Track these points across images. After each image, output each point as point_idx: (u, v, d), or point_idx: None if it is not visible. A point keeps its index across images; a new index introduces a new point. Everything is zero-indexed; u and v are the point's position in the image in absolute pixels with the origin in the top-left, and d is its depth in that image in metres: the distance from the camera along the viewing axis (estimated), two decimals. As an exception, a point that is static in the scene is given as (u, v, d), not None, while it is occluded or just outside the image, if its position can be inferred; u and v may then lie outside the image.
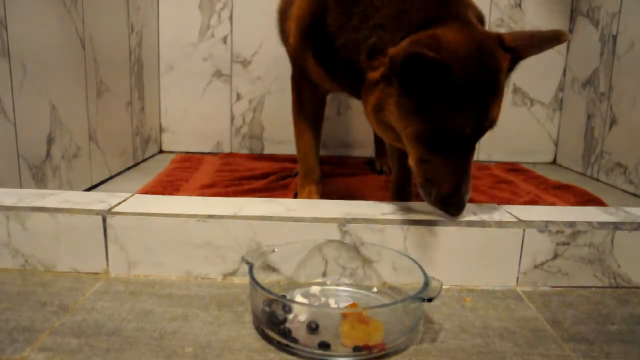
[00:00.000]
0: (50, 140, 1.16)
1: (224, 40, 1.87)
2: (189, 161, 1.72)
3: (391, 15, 0.84)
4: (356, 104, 1.71)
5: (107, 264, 0.84)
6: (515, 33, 0.86)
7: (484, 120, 0.81)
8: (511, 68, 0.83)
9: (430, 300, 0.65)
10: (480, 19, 0.86)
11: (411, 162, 0.85)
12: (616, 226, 0.84)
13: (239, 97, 1.91)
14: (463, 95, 0.77)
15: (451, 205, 0.82)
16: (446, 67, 0.74)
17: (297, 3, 1.04)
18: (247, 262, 0.72)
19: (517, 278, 0.84)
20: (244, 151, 1.95)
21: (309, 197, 1.14)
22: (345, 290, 0.80)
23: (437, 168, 0.82)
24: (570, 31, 1.85)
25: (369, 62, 0.86)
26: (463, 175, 0.81)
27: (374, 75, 0.85)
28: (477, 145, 0.84)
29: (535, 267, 0.84)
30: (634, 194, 1.45)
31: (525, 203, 1.29)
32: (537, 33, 0.84)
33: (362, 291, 0.80)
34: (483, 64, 0.78)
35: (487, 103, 0.80)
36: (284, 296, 0.76)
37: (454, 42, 0.77)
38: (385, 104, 0.84)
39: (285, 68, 1.89)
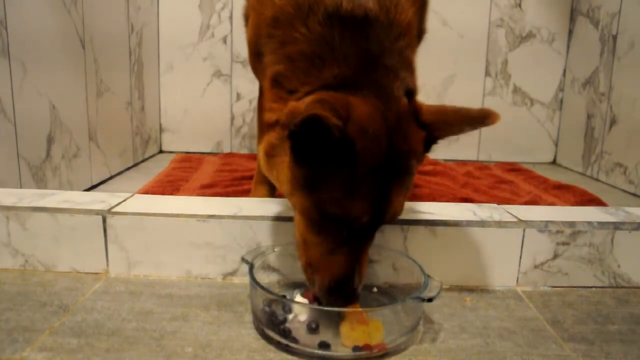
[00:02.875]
0: (50, 140, 1.16)
1: (224, 40, 1.87)
2: (189, 161, 1.72)
3: (304, 53, 0.70)
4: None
5: (107, 264, 0.84)
6: (436, 108, 0.71)
7: (385, 212, 0.67)
8: (427, 148, 0.71)
9: (430, 300, 0.65)
10: (410, 92, 0.71)
11: (296, 234, 0.72)
12: (616, 226, 0.84)
13: (239, 97, 1.91)
14: (364, 180, 0.64)
15: (339, 297, 0.67)
16: (350, 143, 0.62)
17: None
18: (247, 262, 0.72)
19: (517, 278, 0.84)
20: (244, 151, 1.94)
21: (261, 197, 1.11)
22: (345, 290, 0.80)
23: (323, 253, 0.68)
24: (570, 31, 1.85)
25: (272, 90, 0.74)
26: (355, 264, 0.67)
27: (271, 116, 0.72)
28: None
29: (535, 267, 0.84)
30: (634, 194, 1.45)
31: (525, 203, 1.29)
32: (463, 110, 0.69)
33: (362, 291, 0.79)
34: (394, 146, 0.65)
35: (391, 192, 0.66)
36: (284, 296, 0.76)
37: (364, 116, 0.63)
38: (277, 154, 0.71)
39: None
